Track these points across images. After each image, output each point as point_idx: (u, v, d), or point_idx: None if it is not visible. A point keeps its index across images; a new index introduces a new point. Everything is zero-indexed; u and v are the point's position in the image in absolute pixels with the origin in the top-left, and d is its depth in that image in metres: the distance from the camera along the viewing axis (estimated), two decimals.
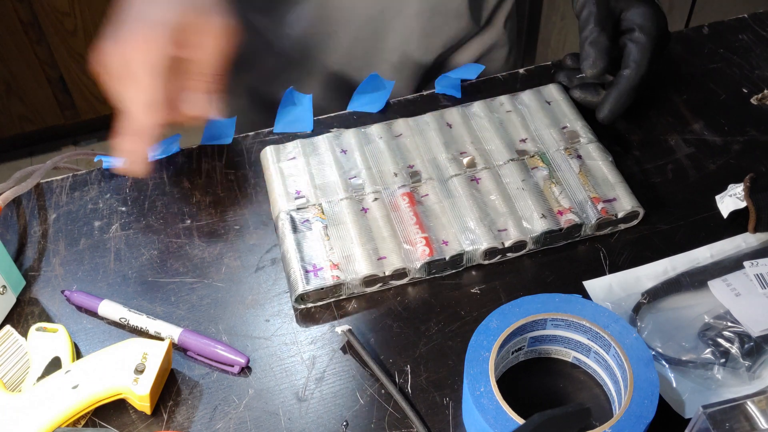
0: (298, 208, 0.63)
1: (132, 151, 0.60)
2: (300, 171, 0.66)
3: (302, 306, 0.59)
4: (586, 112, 0.70)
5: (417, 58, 0.83)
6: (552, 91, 0.71)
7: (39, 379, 0.54)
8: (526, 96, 0.71)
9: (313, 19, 0.80)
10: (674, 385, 0.53)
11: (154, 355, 0.53)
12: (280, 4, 0.80)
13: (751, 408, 0.42)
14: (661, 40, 0.68)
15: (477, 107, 0.70)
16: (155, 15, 0.57)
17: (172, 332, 0.57)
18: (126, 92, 0.57)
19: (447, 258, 0.59)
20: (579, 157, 0.65)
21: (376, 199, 0.63)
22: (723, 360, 0.53)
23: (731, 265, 0.58)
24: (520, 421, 0.46)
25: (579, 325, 0.51)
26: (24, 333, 0.57)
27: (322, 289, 0.58)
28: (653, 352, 0.54)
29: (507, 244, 0.60)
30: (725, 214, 0.61)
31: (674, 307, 0.57)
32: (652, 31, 0.66)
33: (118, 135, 0.59)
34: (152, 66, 0.56)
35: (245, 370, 0.56)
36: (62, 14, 1.79)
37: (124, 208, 0.66)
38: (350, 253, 0.60)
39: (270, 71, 0.86)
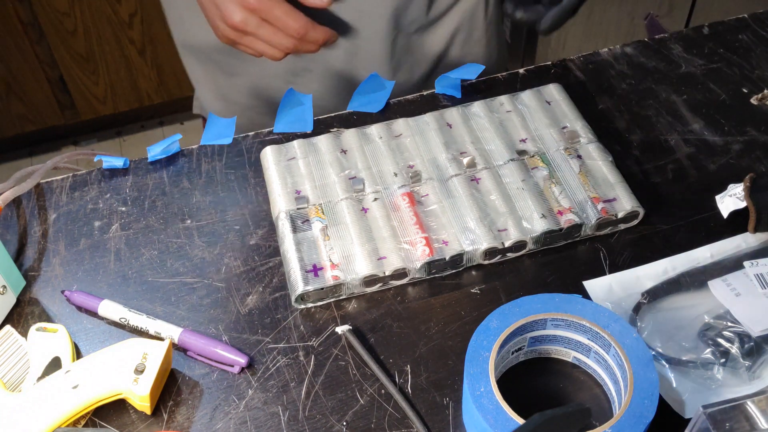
0: (298, 208, 0.63)
1: None
2: (300, 171, 0.66)
3: (302, 306, 0.59)
4: (585, 112, 0.70)
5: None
6: (552, 91, 0.71)
7: (39, 379, 0.54)
8: (526, 96, 0.71)
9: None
10: (674, 385, 0.53)
11: (154, 355, 0.53)
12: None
13: (751, 408, 0.41)
14: None
15: (477, 107, 0.70)
16: None
17: (172, 332, 0.57)
18: None
19: (447, 258, 0.59)
20: (579, 157, 0.65)
21: (376, 199, 0.63)
22: (723, 360, 0.53)
23: (731, 265, 0.58)
24: (520, 421, 0.46)
25: (579, 325, 0.51)
26: (24, 333, 0.57)
27: (322, 289, 0.58)
28: (653, 352, 0.54)
29: (507, 244, 0.60)
30: (725, 214, 0.61)
31: (674, 307, 0.57)
32: None
33: None
34: None
35: (245, 370, 0.56)
36: (62, 14, 1.79)
37: (124, 208, 0.66)
38: (350, 253, 0.60)
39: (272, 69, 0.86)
